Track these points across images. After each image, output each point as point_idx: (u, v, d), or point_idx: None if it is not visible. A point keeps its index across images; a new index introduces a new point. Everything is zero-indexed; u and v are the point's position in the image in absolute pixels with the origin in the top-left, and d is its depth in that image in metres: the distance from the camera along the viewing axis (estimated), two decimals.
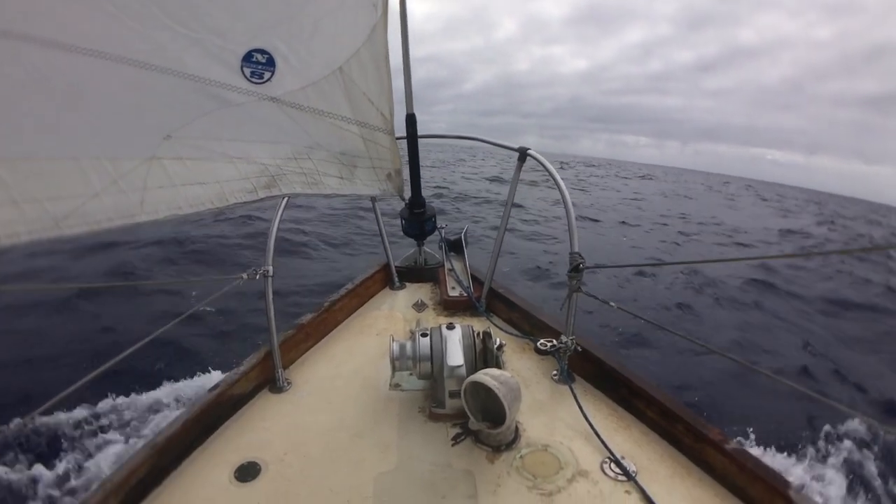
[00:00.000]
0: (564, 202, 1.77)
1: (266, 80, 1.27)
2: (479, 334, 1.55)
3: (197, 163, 1.24)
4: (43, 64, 0.94)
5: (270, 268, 1.65)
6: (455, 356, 1.46)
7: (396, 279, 2.43)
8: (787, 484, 1.22)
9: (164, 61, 1.10)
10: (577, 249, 1.64)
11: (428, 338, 1.52)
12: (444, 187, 17.51)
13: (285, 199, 1.80)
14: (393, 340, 1.52)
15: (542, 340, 1.70)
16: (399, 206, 2.04)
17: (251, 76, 1.25)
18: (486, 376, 1.34)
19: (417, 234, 2.23)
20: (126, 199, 1.14)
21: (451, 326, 1.53)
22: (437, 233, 2.38)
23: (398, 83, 1.61)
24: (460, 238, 2.57)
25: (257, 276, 1.61)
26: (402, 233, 2.20)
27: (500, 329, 2.05)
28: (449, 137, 2.67)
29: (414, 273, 2.50)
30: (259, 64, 1.25)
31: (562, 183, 1.81)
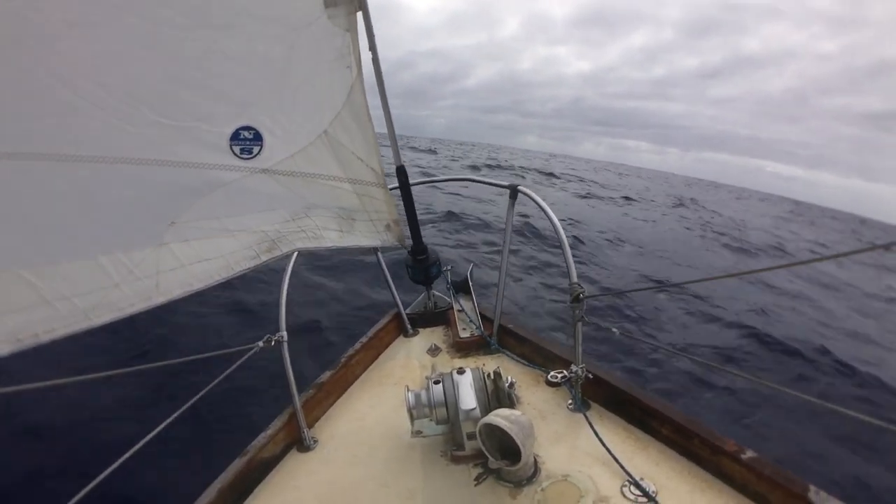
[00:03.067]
0: (558, 236, 1.86)
1: (255, 155, 1.44)
2: (489, 375, 1.65)
3: (201, 242, 1.43)
4: (49, 177, 1.12)
5: (284, 333, 1.79)
6: (468, 400, 1.57)
7: (409, 326, 2.54)
8: (806, 487, 1.29)
9: (159, 154, 1.28)
10: (575, 280, 1.73)
11: (441, 385, 1.63)
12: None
13: (291, 263, 1.96)
14: (408, 391, 1.64)
15: (552, 373, 1.80)
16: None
17: (241, 153, 1.42)
18: (498, 417, 1.45)
19: (423, 279, 2.37)
20: (143, 285, 1.33)
21: (461, 371, 1.64)
22: (443, 275, 2.51)
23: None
24: (466, 278, 2.68)
25: (273, 343, 1.75)
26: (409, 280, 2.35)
27: (515, 360, 2.16)
28: (441, 181, 2.82)
29: (425, 318, 2.61)
30: (247, 140, 1.41)
31: (554, 217, 1.91)
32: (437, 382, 1.64)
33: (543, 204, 1.99)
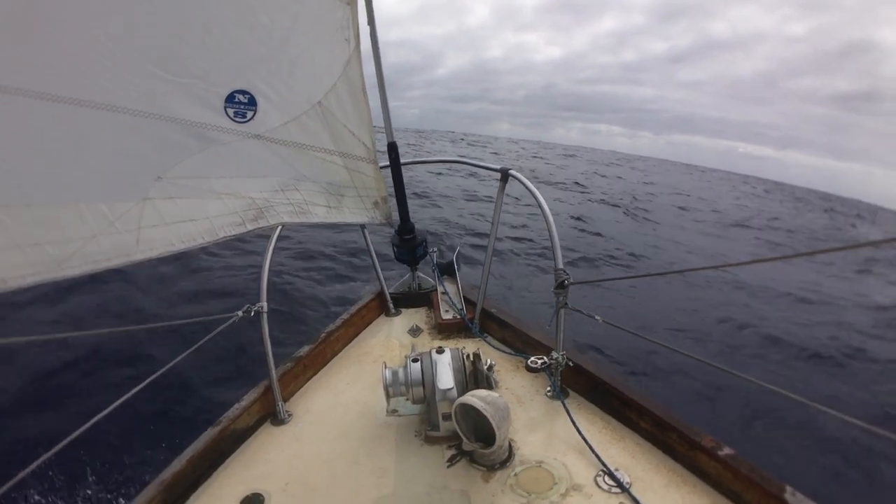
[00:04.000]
0: (546, 220, 1.88)
1: (249, 119, 1.44)
2: (468, 356, 1.65)
3: (187, 201, 1.41)
4: (38, 115, 1.10)
5: (265, 304, 1.78)
6: (445, 380, 1.56)
7: (391, 306, 2.55)
8: (782, 488, 1.29)
9: (153, 107, 1.27)
10: (561, 266, 1.74)
11: (419, 363, 1.63)
12: None
13: (275, 234, 1.95)
14: (385, 367, 1.64)
15: (532, 358, 1.80)
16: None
17: (235, 116, 1.42)
18: (474, 398, 1.44)
19: (409, 259, 2.38)
20: (122, 239, 1.31)
21: (440, 350, 1.64)
22: (429, 256, 2.52)
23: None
24: (452, 261, 2.70)
25: (252, 314, 1.74)
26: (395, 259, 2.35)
27: (494, 348, 2.16)
28: (432, 162, 2.86)
29: (408, 298, 2.62)
30: (241, 104, 1.41)
31: (543, 202, 1.93)
32: (415, 361, 1.63)
33: (533, 188, 2.00)
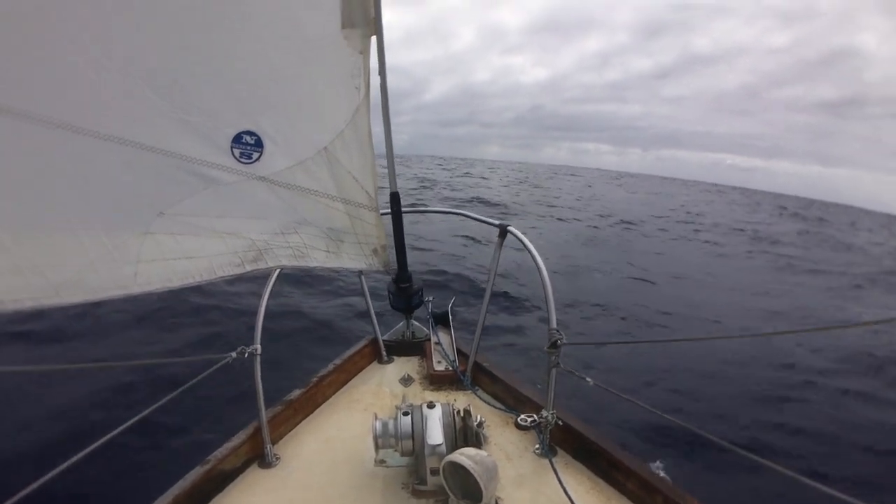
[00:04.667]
0: (542, 278, 1.88)
1: (255, 161, 1.46)
2: (459, 412, 1.63)
3: (187, 238, 1.42)
4: (45, 141, 1.12)
5: (258, 346, 1.77)
6: (435, 435, 1.54)
7: (384, 353, 2.53)
8: None
9: (159, 142, 1.29)
10: (555, 326, 1.74)
11: (409, 416, 1.61)
12: None
13: (273, 276, 1.96)
14: (376, 419, 1.62)
15: (522, 416, 1.78)
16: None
17: (240, 157, 1.44)
18: (463, 456, 1.42)
19: (404, 308, 2.37)
20: (121, 272, 1.32)
21: (431, 405, 1.62)
22: (424, 306, 2.51)
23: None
24: (447, 311, 2.70)
25: (245, 355, 1.73)
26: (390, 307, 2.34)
27: (485, 402, 2.13)
28: (432, 212, 2.90)
29: (402, 347, 2.61)
30: (248, 145, 1.44)
31: (539, 259, 1.93)
32: (406, 414, 1.61)
33: (530, 245, 2.01)
